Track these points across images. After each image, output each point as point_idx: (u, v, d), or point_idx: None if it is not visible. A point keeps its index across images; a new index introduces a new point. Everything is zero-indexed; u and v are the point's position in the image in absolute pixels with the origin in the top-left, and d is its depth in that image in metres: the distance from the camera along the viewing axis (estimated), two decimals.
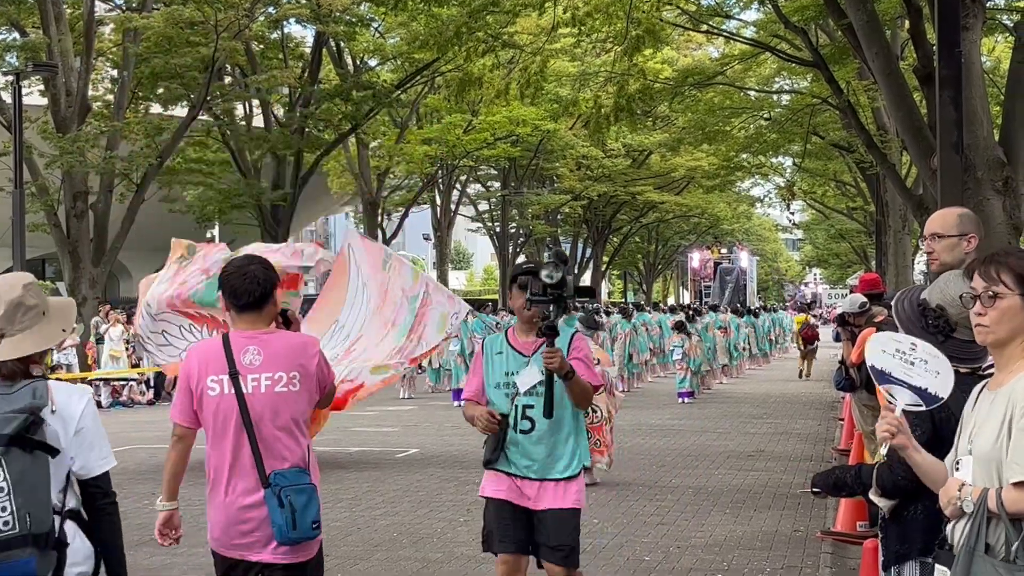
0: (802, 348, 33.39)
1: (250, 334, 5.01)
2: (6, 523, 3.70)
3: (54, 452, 3.85)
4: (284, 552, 4.91)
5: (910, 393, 3.67)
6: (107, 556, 4.07)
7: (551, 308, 5.49)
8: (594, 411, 13.50)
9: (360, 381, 13.57)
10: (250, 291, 4.99)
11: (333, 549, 8.66)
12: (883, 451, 3.62)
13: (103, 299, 29.64)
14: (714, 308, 35.66)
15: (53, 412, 3.90)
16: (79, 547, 3.99)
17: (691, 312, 31.83)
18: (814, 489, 4.60)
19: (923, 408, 3.68)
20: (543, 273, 5.47)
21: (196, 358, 5.07)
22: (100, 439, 4.08)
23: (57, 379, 4.29)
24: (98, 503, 4.06)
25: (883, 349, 3.75)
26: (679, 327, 25.80)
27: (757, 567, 8.92)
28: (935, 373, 3.66)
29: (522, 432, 5.76)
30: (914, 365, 3.69)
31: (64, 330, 4.19)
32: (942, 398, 3.65)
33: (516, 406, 5.77)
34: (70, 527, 3.96)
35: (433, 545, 9.68)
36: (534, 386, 5.70)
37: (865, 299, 10.81)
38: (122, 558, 4.14)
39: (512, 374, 5.79)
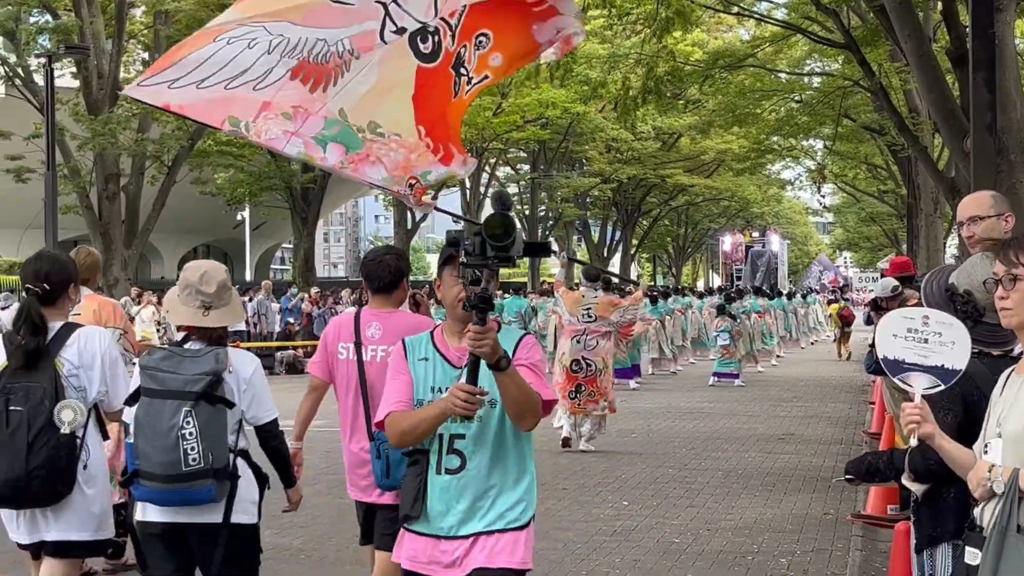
0: (840, 329, 33.45)
1: (376, 312, 5.93)
2: (195, 459, 4.78)
3: (231, 405, 4.94)
4: (388, 497, 5.67)
5: (926, 376, 3.62)
6: (282, 473, 5.33)
7: (483, 272, 3.80)
8: (589, 365, 13.99)
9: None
10: (382, 277, 5.91)
11: (353, 535, 8.68)
12: (913, 442, 3.58)
13: (134, 281, 29.79)
14: (757, 291, 35.28)
15: (230, 372, 4.97)
16: (247, 483, 5.02)
17: (733, 294, 31.52)
18: (847, 476, 4.58)
19: (942, 387, 3.62)
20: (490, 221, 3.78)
21: (334, 326, 6.07)
22: (266, 395, 5.15)
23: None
24: (271, 444, 5.22)
25: (893, 334, 3.69)
26: (721, 310, 25.55)
27: (787, 550, 8.91)
28: (950, 344, 3.61)
29: (448, 472, 4.15)
30: (927, 342, 3.64)
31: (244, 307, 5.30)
32: (960, 370, 3.60)
33: (441, 435, 4.15)
34: (240, 463, 5.03)
35: None
36: None
37: (897, 283, 10.78)
38: (292, 474, 5.41)
39: (440, 390, 4.17)
